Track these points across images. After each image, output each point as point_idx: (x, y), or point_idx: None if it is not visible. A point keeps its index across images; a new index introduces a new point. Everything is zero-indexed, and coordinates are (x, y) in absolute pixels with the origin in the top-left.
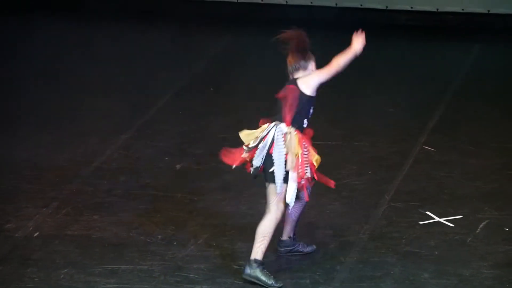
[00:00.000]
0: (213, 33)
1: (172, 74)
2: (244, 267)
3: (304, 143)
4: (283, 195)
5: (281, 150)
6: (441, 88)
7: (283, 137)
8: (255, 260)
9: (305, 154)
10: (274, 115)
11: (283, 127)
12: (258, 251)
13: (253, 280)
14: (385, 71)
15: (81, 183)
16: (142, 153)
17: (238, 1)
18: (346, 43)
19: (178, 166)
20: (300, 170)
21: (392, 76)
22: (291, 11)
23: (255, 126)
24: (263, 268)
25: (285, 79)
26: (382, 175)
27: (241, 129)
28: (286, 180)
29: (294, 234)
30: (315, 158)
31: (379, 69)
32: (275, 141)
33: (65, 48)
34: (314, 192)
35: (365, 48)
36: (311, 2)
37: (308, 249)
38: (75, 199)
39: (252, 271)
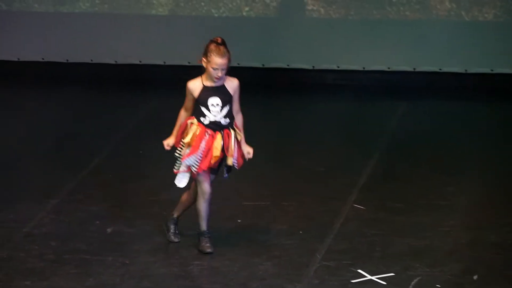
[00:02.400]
0: (141, 96)
1: (101, 138)
2: None
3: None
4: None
5: None
6: (369, 146)
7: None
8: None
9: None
10: None
11: None
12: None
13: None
14: (313, 131)
15: (12, 248)
16: (73, 217)
17: (165, 63)
18: (272, 102)
19: (109, 230)
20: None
21: (321, 136)
22: None
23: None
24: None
25: None
26: (313, 234)
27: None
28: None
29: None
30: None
31: (308, 129)
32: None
33: None
34: (244, 252)
35: (292, 109)
36: (238, 64)
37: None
38: (6, 265)
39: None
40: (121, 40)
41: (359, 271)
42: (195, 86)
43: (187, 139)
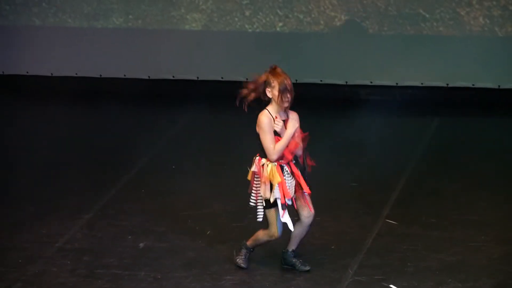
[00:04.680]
0: (174, 111)
1: (133, 153)
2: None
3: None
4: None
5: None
6: (402, 162)
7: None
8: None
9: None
10: None
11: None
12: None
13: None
14: (346, 146)
15: (45, 263)
16: (105, 232)
17: (198, 79)
18: (305, 117)
19: (141, 245)
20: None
21: (354, 150)
22: None
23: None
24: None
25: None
26: (345, 249)
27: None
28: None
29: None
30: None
31: (340, 144)
32: None
33: (21, 129)
34: (277, 267)
35: (325, 124)
36: None
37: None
38: (39, 279)
39: None
40: (154, 55)
41: (391, 286)
42: (270, 118)
43: (276, 179)
